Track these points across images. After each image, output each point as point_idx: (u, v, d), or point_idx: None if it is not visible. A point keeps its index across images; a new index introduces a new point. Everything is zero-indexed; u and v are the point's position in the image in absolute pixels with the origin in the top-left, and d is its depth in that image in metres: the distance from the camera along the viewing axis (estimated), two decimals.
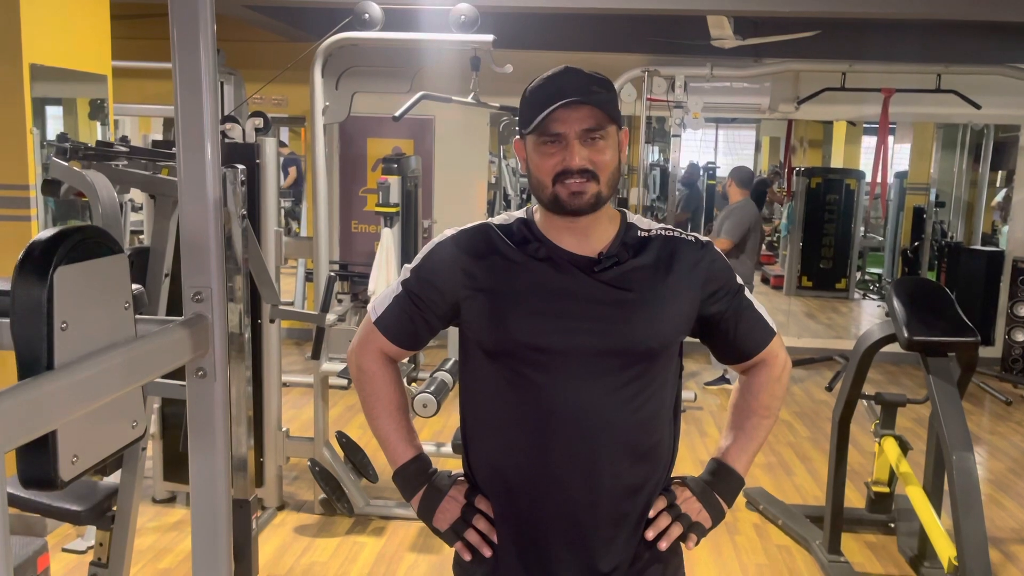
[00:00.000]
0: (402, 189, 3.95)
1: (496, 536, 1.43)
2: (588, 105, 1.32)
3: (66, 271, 0.83)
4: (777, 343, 1.50)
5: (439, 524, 1.47)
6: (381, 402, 1.51)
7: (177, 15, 1.01)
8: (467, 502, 1.45)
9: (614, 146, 1.37)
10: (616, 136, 1.38)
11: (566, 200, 1.34)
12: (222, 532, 1.10)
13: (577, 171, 1.33)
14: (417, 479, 1.49)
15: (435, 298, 1.43)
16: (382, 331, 1.47)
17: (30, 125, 3.53)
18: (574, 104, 1.31)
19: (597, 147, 1.34)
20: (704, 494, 1.45)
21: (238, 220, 2.55)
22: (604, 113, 1.34)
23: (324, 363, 3.78)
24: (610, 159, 1.36)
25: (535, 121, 1.33)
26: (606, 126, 1.35)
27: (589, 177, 1.33)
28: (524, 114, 1.37)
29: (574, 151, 1.33)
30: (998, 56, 6.23)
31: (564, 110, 1.31)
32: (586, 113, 1.33)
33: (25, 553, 2.32)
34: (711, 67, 6.17)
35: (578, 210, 1.35)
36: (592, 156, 1.34)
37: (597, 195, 1.35)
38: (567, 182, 1.33)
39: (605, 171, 1.35)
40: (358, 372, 1.52)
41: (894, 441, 3.43)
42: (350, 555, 3.48)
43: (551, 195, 1.36)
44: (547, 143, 1.35)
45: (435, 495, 1.47)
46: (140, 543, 3.38)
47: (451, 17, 3.98)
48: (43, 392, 0.78)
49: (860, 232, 9.62)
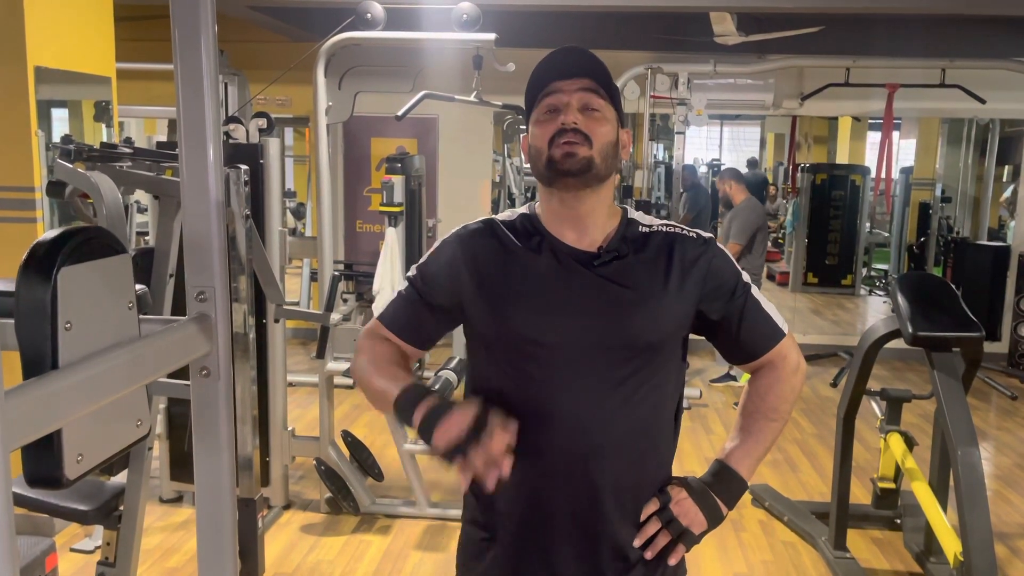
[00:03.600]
0: (406, 188, 3.95)
1: (509, 469, 1.25)
2: (589, 78, 1.37)
3: (70, 271, 0.84)
4: (787, 344, 1.46)
5: (439, 440, 1.24)
6: (375, 363, 1.41)
7: (178, 16, 1.01)
8: (479, 415, 1.25)
9: (612, 125, 1.38)
10: (616, 122, 1.39)
11: (559, 160, 1.35)
12: (227, 531, 1.11)
13: (571, 130, 1.34)
14: (419, 396, 1.31)
15: (440, 292, 1.43)
16: (387, 325, 1.46)
17: (35, 127, 3.54)
18: (574, 76, 1.36)
19: (594, 117, 1.36)
20: (702, 495, 1.42)
21: (242, 220, 2.56)
22: (602, 87, 1.37)
23: (329, 362, 3.79)
24: (606, 132, 1.37)
25: (536, 94, 1.38)
26: (606, 101, 1.38)
27: (583, 139, 1.34)
28: (527, 94, 1.41)
29: (570, 111, 1.35)
30: (1003, 50, 6.20)
31: (563, 80, 1.36)
32: (584, 82, 1.37)
33: (33, 553, 2.34)
34: (714, 64, 6.16)
35: (570, 170, 1.34)
36: (588, 122, 1.35)
37: (589, 160, 1.35)
38: (560, 141, 1.35)
39: (600, 139, 1.36)
40: (356, 364, 1.45)
41: (899, 437, 3.43)
42: (356, 553, 3.49)
43: (546, 159, 1.36)
44: (546, 112, 1.37)
45: (441, 408, 1.27)
46: (147, 542, 3.40)
47: (453, 16, 3.98)
48: (48, 391, 0.78)
49: (866, 228, 9.59)
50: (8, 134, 3.52)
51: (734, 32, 5.46)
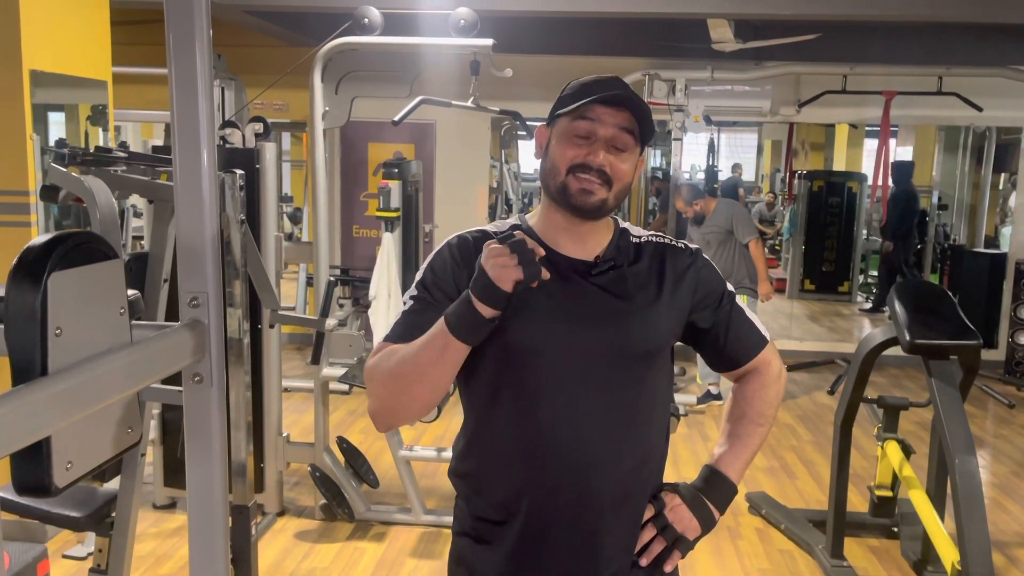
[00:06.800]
0: (403, 194, 3.95)
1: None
2: (630, 113, 1.35)
3: (60, 276, 0.83)
4: (770, 351, 1.51)
5: (501, 279, 1.22)
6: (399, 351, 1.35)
7: (173, 20, 1.01)
8: (506, 245, 1.24)
9: (632, 164, 1.38)
10: (636, 157, 1.40)
11: (574, 194, 1.35)
12: (219, 538, 1.10)
13: (596, 169, 1.34)
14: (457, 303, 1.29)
15: (444, 296, 1.40)
16: (394, 341, 1.40)
17: (30, 131, 3.53)
18: (619, 106, 1.34)
19: (621, 157, 1.36)
20: (695, 501, 1.44)
21: (237, 225, 2.54)
22: (638, 124, 1.35)
23: (324, 368, 3.77)
24: (626, 172, 1.37)
25: (577, 103, 1.34)
26: (635, 143, 1.37)
27: (604, 180, 1.34)
28: (566, 98, 1.38)
29: (599, 149, 1.34)
30: (999, 58, 6.22)
31: (608, 108, 1.34)
32: (626, 117, 1.35)
33: (25, 559, 2.32)
34: (712, 70, 6.17)
35: (581, 207, 1.36)
36: (614, 163, 1.35)
37: (604, 201, 1.36)
38: (582, 176, 1.34)
39: (619, 182, 1.36)
40: (371, 380, 1.39)
41: (897, 445, 3.42)
42: (351, 561, 3.47)
43: (561, 184, 1.36)
44: (577, 132, 1.35)
45: (480, 274, 1.25)
46: (140, 549, 3.38)
47: (450, 21, 3.98)
48: (37, 398, 0.77)
49: (863, 235, 9.61)
50: (3, 138, 3.51)
51: (731, 39, 5.47)
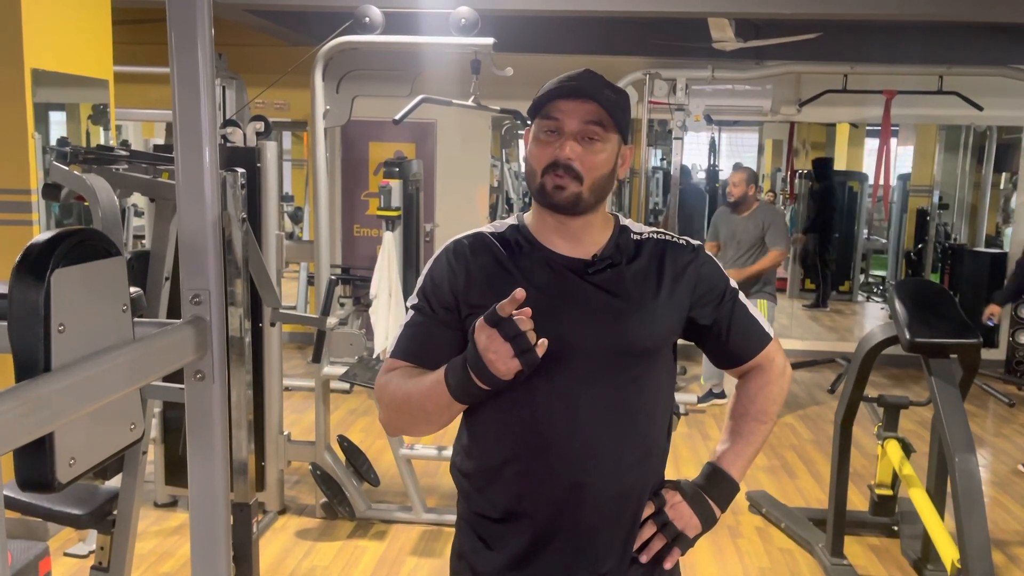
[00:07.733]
0: (404, 193, 3.95)
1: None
2: (595, 103, 1.34)
3: (63, 273, 0.83)
4: (774, 348, 1.51)
5: (499, 371, 1.22)
6: (405, 383, 1.37)
7: (175, 19, 1.01)
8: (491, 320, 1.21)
9: (611, 153, 1.37)
10: (617, 145, 1.39)
11: (549, 192, 1.36)
12: (221, 536, 1.10)
13: (563, 165, 1.34)
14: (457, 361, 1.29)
15: (444, 304, 1.40)
16: (401, 357, 1.41)
17: (32, 130, 3.53)
18: (581, 99, 1.33)
19: (593, 148, 1.35)
20: (696, 498, 1.44)
21: (238, 223, 2.55)
22: (608, 114, 1.34)
23: (325, 367, 3.77)
24: (601, 163, 1.36)
25: (540, 105, 1.35)
26: (608, 131, 1.36)
27: (573, 176, 1.34)
28: (534, 103, 1.39)
29: (566, 143, 1.34)
30: (1000, 57, 6.22)
31: (569, 101, 1.34)
32: (590, 108, 1.34)
33: (26, 557, 2.33)
34: (712, 69, 6.17)
35: (557, 204, 1.36)
36: (584, 155, 1.34)
37: (578, 195, 1.35)
38: (552, 173, 1.35)
39: (592, 173, 1.35)
40: (380, 399, 1.42)
41: (897, 444, 3.42)
42: (351, 559, 3.48)
43: (539, 184, 1.37)
44: (546, 132, 1.36)
45: (476, 357, 1.24)
46: (141, 547, 3.38)
47: (451, 20, 3.98)
48: (40, 394, 0.78)
49: (863, 234, 9.61)
50: (5, 136, 3.51)
51: (732, 38, 5.46)
